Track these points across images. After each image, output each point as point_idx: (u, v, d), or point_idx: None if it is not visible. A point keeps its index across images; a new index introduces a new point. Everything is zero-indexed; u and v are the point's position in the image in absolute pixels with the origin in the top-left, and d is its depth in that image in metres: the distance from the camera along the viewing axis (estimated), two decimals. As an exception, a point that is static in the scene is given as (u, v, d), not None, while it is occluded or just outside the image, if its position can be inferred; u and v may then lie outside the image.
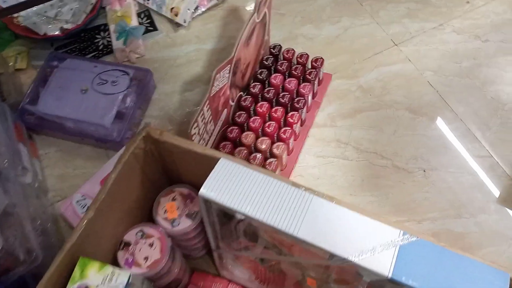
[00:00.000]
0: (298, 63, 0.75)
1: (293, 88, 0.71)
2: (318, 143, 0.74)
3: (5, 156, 0.63)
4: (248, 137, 0.67)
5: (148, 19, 0.90)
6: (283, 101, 0.71)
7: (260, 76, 0.74)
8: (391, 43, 0.83)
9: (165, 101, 0.80)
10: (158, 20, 0.90)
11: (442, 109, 0.76)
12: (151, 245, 0.52)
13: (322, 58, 0.74)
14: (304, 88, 0.71)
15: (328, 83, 0.79)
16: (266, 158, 0.66)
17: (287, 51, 0.76)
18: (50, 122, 0.75)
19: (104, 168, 0.69)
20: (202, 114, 0.58)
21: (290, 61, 0.76)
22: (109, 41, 0.88)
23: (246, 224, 0.48)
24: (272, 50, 0.77)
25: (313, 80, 0.73)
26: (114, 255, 0.52)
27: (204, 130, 0.62)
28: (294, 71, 0.74)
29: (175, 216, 0.55)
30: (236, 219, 0.45)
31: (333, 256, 0.41)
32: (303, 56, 0.75)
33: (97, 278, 0.45)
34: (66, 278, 0.44)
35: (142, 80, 0.78)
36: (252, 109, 0.71)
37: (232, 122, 0.71)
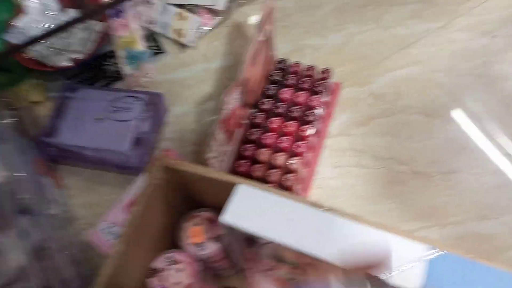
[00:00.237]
0: (306, 76, 0.76)
1: (303, 101, 0.72)
2: (334, 153, 0.74)
3: (30, 192, 0.65)
4: (264, 154, 0.68)
5: (154, 42, 0.91)
6: (294, 115, 0.71)
7: (269, 92, 0.74)
8: (399, 46, 0.83)
9: (178, 122, 0.81)
10: (164, 42, 0.91)
11: (456, 109, 0.76)
12: (180, 270, 0.53)
13: (329, 69, 0.74)
14: (315, 101, 0.71)
15: (338, 92, 0.79)
16: (283, 174, 0.67)
17: (294, 65, 0.76)
18: (70, 152, 0.77)
19: (127, 194, 0.70)
20: (215, 138, 0.59)
21: (298, 74, 0.76)
22: (118, 67, 0.89)
23: (270, 247, 0.49)
24: (278, 65, 0.77)
25: (322, 91, 0.73)
26: (142, 283, 0.53)
27: (220, 152, 0.62)
28: (302, 85, 0.74)
29: (200, 241, 0.55)
30: (260, 242, 0.46)
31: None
32: (310, 68, 0.75)
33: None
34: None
35: (154, 104, 0.79)
36: (264, 125, 0.72)
37: (246, 140, 0.71)
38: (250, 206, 0.45)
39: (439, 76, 0.79)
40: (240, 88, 0.63)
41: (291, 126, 0.70)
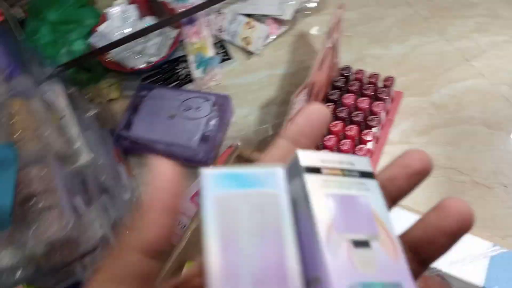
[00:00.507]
0: (369, 83, 0.78)
1: (366, 106, 0.74)
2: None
3: (109, 176, 0.72)
4: (325, 155, 0.71)
5: (223, 49, 0.98)
6: (356, 119, 0.74)
7: (332, 97, 0.78)
8: (462, 58, 0.84)
9: (242, 123, 0.86)
10: (232, 50, 0.97)
11: (520, 122, 0.75)
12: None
13: (393, 77, 0.77)
14: (377, 106, 0.74)
15: (399, 101, 0.81)
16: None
17: (358, 72, 0.79)
18: (142, 145, 0.84)
19: (193, 186, 0.75)
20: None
21: (361, 81, 0.79)
22: (188, 71, 0.96)
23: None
24: (342, 72, 0.81)
25: (385, 98, 0.75)
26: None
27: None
28: (365, 91, 0.77)
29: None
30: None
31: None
32: (374, 76, 0.78)
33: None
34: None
35: (222, 105, 0.85)
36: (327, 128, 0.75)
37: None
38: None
39: (503, 89, 0.79)
40: (307, 90, 0.67)
41: (353, 130, 0.72)
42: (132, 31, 0.99)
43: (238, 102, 0.89)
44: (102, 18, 1.00)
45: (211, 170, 0.20)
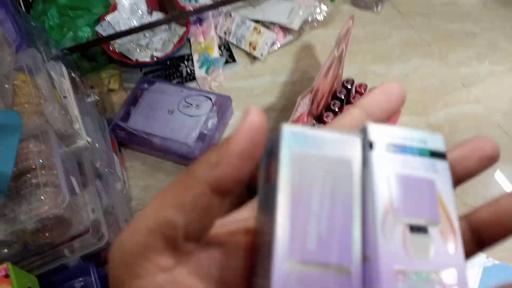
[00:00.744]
0: (370, 97, 0.80)
1: (365, 120, 0.76)
2: (386, 174, 0.76)
3: (105, 163, 0.71)
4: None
5: (228, 51, 0.98)
6: (355, 132, 0.75)
7: (333, 107, 0.79)
8: (460, 84, 0.86)
9: (241, 125, 0.86)
10: (237, 53, 0.98)
11: (512, 150, 0.77)
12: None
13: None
14: (377, 121, 0.75)
15: (397, 119, 0.82)
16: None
17: (360, 85, 0.81)
18: (138, 138, 0.83)
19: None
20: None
21: (362, 95, 0.80)
22: (192, 69, 0.97)
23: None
24: (345, 84, 0.82)
25: (385, 114, 0.77)
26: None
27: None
28: (366, 105, 0.78)
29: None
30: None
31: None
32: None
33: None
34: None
35: (222, 105, 0.85)
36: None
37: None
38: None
39: (497, 117, 0.82)
40: (311, 96, 0.68)
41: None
42: (140, 24, 0.99)
43: (238, 104, 0.90)
44: (111, 7, 1.00)
45: (291, 126, 0.20)
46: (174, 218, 0.19)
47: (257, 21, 0.97)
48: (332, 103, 0.79)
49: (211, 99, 0.85)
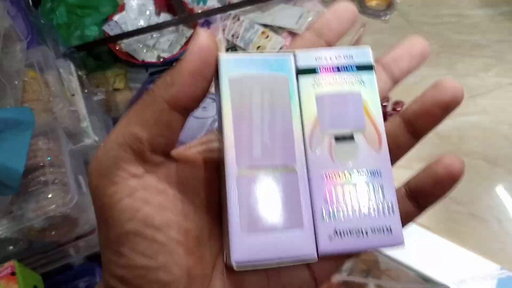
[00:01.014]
0: (378, 105, 0.80)
1: (373, 127, 0.75)
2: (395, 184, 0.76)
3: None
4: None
5: (235, 55, 0.98)
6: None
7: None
8: (468, 95, 0.86)
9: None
10: (244, 56, 0.98)
11: (519, 162, 0.77)
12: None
13: (403, 102, 0.78)
14: (385, 129, 0.75)
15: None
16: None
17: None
18: (144, 138, 0.82)
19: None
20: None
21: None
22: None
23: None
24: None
25: (393, 122, 0.77)
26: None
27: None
28: (374, 112, 0.78)
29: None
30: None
31: (431, 282, 0.43)
32: (385, 98, 0.79)
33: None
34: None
35: (229, 108, 0.84)
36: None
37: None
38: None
39: (504, 128, 0.82)
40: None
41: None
42: (147, 25, 0.99)
43: (245, 108, 0.89)
44: (119, 7, 1.00)
45: (227, 55, 0.22)
46: (139, 133, 0.21)
47: (265, 25, 0.97)
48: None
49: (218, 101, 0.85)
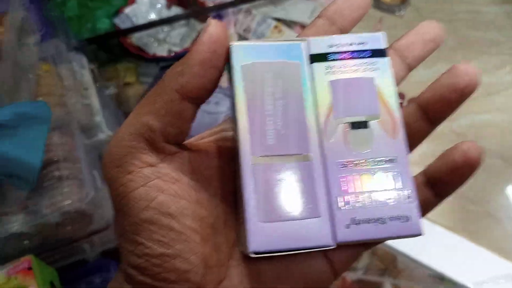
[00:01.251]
0: (393, 102, 0.79)
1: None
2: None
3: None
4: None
5: (246, 49, 0.97)
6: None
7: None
8: (484, 92, 0.85)
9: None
10: (255, 51, 0.97)
11: (535, 161, 0.76)
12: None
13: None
14: (400, 126, 0.74)
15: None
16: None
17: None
18: (155, 133, 0.82)
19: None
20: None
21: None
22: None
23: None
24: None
25: (408, 119, 0.76)
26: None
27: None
28: (389, 109, 0.77)
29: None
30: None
31: (450, 283, 0.42)
32: (400, 95, 0.78)
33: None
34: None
35: (241, 103, 0.84)
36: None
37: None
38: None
39: (521, 127, 0.81)
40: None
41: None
42: (158, 18, 0.98)
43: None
44: (130, 0, 0.99)
45: (239, 42, 0.22)
46: (150, 122, 0.21)
47: (278, 19, 0.96)
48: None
49: (229, 96, 0.84)
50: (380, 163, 0.21)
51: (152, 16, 1.00)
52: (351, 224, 0.20)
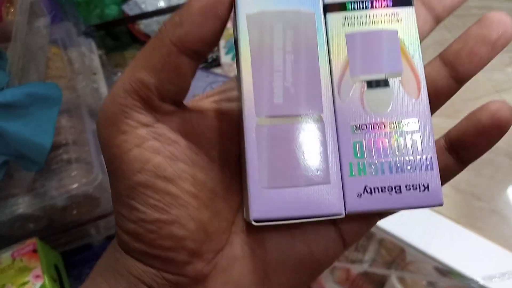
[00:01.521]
0: (401, 96, 0.78)
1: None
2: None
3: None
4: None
5: (255, 40, 0.97)
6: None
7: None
8: (493, 89, 0.84)
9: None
10: (264, 42, 0.96)
11: (543, 160, 0.76)
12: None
13: None
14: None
15: (427, 120, 0.81)
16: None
17: None
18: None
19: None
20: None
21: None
22: (217, 55, 0.95)
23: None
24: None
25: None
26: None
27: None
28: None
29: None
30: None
31: (459, 276, 0.42)
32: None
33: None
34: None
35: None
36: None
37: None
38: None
39: (529, 126, 0.80)
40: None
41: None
42: (167, 6, 0.97)
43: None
44: (139, -13, 0.98)
45: None
46: (146, 78, 0.19)
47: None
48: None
49: (237, 87, 0.84)
50: (399, 126, 0.19)
51: (161, 3, 1.00)
52: (363, 192, 0.19)
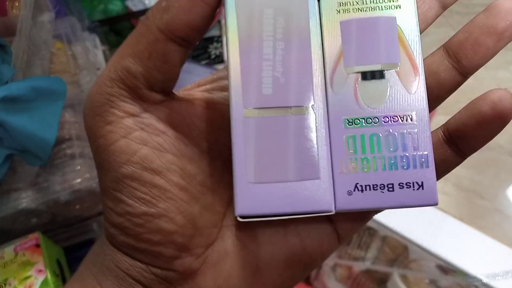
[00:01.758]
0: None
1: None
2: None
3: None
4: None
5: (258, 37, 0.97)
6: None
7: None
8: (497, 87, 0.84)
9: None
10: (267, 39, 0.96)
11: (547, 159, 0.76)
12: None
13: None
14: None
15: (432, 118, 0.80)
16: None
17: None
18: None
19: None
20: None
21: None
22: (220, 51, 0.95)
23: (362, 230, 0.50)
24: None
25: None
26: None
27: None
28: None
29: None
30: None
31: (462, 274, 0.42)
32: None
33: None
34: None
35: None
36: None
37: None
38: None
39: (533, 125, 0.80)
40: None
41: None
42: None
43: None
44: (142, -17, 0.98)
45: None
46: (132, 66, 0.19)
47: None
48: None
49: (240, 84, 0.83)
50: (394, 121, 0.18)
51: (164, 0, 0.99)
52: (353, 190, 0.18)
